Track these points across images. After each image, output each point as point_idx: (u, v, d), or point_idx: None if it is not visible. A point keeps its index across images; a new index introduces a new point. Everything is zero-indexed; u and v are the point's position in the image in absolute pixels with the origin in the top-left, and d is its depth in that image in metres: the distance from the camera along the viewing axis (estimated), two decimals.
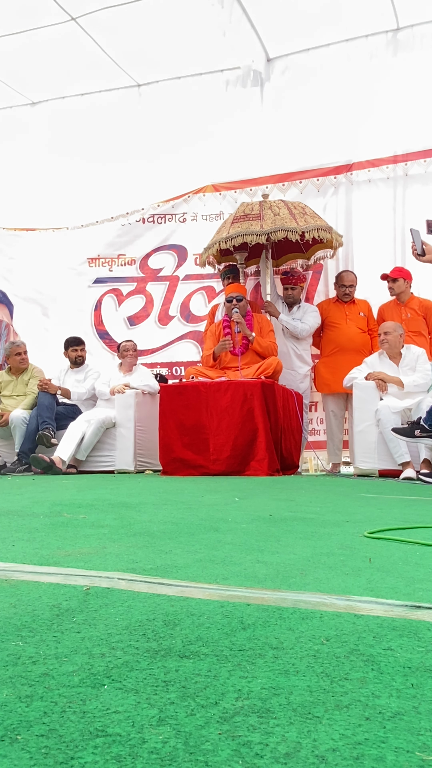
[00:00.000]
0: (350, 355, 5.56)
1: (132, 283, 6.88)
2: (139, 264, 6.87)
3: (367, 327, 5.76)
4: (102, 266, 6.93)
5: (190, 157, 6.90)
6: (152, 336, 6.74)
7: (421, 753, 0.57)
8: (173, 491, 3.35)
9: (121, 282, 6.89)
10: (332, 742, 0.59)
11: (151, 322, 6.78)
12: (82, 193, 7.37)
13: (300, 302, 5.92)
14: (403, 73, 6.20)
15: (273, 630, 0.93)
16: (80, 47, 6.53)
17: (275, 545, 1.67)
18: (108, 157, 7.19)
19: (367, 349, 5.66)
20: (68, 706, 0.67)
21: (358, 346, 5.65)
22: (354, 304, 5.78)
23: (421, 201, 5.93)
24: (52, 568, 1.36)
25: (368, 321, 5.77)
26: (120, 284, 6.90)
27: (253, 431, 4.73)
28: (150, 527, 1.97)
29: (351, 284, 5.76)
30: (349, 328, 5.70)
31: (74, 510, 2.41)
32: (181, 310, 6.70)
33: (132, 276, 6.88)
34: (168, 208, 6.82)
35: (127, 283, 6.88)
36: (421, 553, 1.58)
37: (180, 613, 1.01)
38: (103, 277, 6.92)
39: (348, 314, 5.74)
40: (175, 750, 0.57)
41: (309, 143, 6.44)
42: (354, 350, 5.61)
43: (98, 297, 6.93)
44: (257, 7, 6.02)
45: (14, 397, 5.94)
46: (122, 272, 6.90)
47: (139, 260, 6.87)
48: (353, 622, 0.97)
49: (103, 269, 6.92)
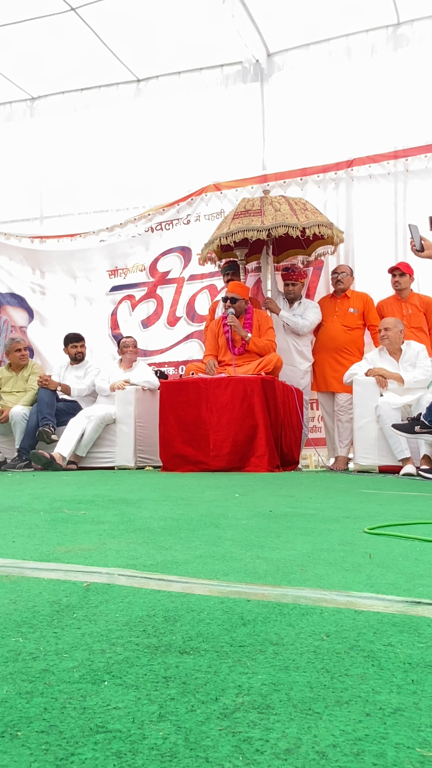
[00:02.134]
0: (331, 354, 5.56)
1: (143, 288, 7.10)
2: (149, 269, 7.06)
3: (360, 323, 5.64)
4: (118, 276, 7.21)
5: (190, 153, 6.90)
6: (162, 337, 6.87)
7: (421, 749, 0.57)
8: (173, 487, 3.35)
9: (134, 288, 7.13)
10: (333, 738, 0.59)
11: (161, 324, 6.92)
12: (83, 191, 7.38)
13: (301, 298, 5.91)
14: (403, 68, 6.18)
15: (273, 626, 0.93)
16: (80, 39, 6.50)
17: (275, 541, 1.67)
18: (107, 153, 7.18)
19: (354, 347, 5.57)
20: (68, 702, 0.67)
21: (339, 344, 5.57)
22: (347, 298, 5.68)
23: (421, 196, 5.92)
24: (52, 564, 1.36)
25: (365, 316, 5.64)
26: (133, 290, 7.14)
27: (253, 427, 4.73)
28: (150, 523, 1.97)
29: (342, 272, 5.68)
30: (332, 325, 5.63)
31: (74, 506, 2.41)
32: (187, 311, 6.78)
33: (143, 281, 7.09)
34: (173, 213, 6.90)
35: (139, 289, 7.12)
36: (421, 549, 1.58)
37: (180, 609, 1.01)
38: (119, 285, 7.21)
39: (337, 310, 5.66)
40: (176, 746, 0.57)
41: (309, 138, 6.43)
42: (334, 349, 5.56)
43: (115, 303, 7.20)
44: (257, 2, 5.99)
45: (14, 394, 5.94)
46: (134, 278, 7.14)
47: (148, 265, 7.06)
48: (353, 618, 0.97)
49: (119, 278, 7.21)
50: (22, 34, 6.43)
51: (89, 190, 7.37)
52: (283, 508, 2.42)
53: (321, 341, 5.71)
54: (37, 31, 6.39)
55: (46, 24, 6.30)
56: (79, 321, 7.14)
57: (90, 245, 7.30)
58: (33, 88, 7.47)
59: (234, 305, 5.31)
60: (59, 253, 7.43)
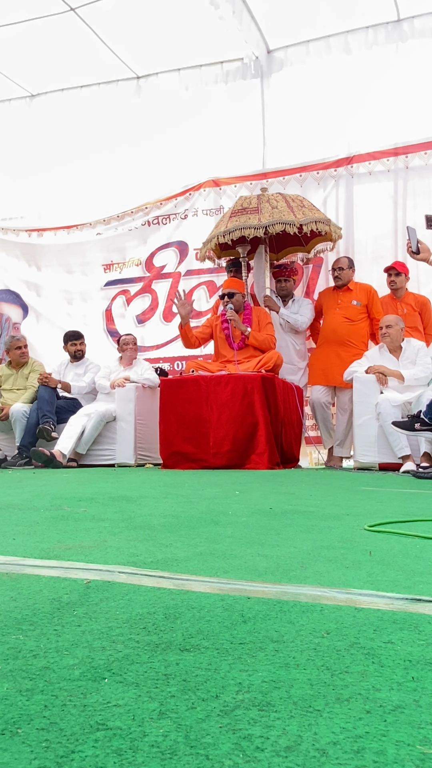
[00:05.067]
0: (333, 347, 5.48)
1: (139, 283, 7.09)
2: (144, 263, 7.07)
3: (363, 315, 5.56)
4: (114, 270, 7.20)
5: (190, 151, 6.89)
6: (158, 333, 6.86)
7: (422, 746, 0.57)
8: (173, 485, 3.35)
9: (130, 283, 7.13)
10: (333, 735, 0.59)
11: (156, 320, 6.90)
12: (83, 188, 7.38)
13: (293, 295, 5.90)
14: (403, 65, 6.17)
15: (273, 623, 0.93)
16: (79, 38, 6.49)
17: (275, 538, 1.67)
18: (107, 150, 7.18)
19: (357, 339, 5.49)
20: (69, 700, 0.67)
21: (342, 337, 5.48)
22: (349, 291, 5.62)
23: (421, 193, 5.92)
24: (52, 562, 1.36)
25: (369, 309, 5.57)
26: (128, 285, 7.14)
27: (253, 425, 4.73)
28: (150, 521, 1.98)
29: (340, 267, 5.63)
30: (335, 318, 5.56)
31: (75, 503, 2.41)
32: None
33: (139, 276, 7.09)
34: (171, 207, 6.90)
35: (135, 284, 7.11)
36: (421, 546, 1.58)
37: (180, 607, 1.01)
38: (114, 280, 7.20)
39: (339, 302, 5.60)
40: (176, 743, 0.57)
41: (309, 135, 6.42)
42: (337, 341, 5.48)
43: (110, 298, 7.20)
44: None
45: (14, 391, 5.94)
46: (130, 273, 7.14)
47: (144, 260, 7.06)
48: (354, 615, 0.97)
49: (114, 273, 7.20)
50: (21, 33, 6.42)
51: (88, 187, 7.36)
52: (284, 505, 2.42)
53: (323, 334, 5.63)
54: (37, 31, 6.38)
55: (46, 24, 6.29)
56: (73, 316, 7.15)
57: (86, 239, 7.29)
58: (32, 85, 7.45)
59: (231, 300, 5.30)
60: (56, 246, 7.42)
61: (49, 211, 7.66)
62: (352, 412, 5.06)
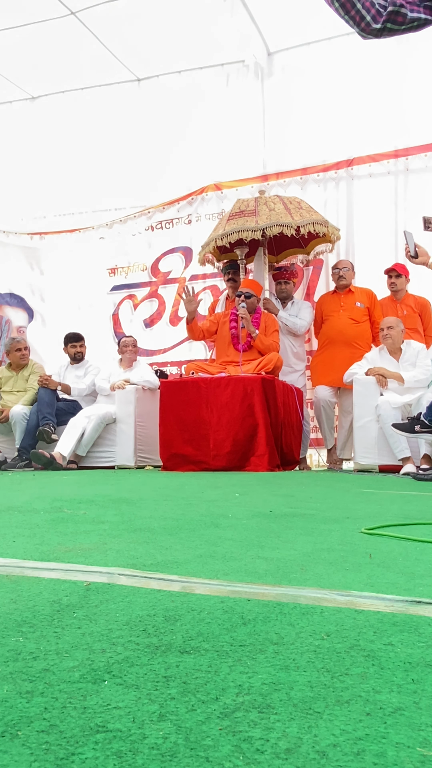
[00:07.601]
0: (340, 348, 5.48)
1: (145, 288, 7.13)
2: (150, 268, 7.10)
3: (366, 317, 5.59)
4: (119, 274, 7.25)
5: (191, 153, 6.90)
6: (165, 337, 6.90)
7: (422, 748, 0.57)
8: (173, 487, 3.35)
9: (136, 288, 7.18)
10: (333, 737, 0.59)
11: (163, 324, 6.94)
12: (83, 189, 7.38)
13: (293, 298, 5.90)
14: (404, 67, 6.16)
15: (273, 625, 0.93)
16: (80, 41, 6.50)
17: (275, 541, 1.67)
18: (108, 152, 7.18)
19: (362, 340, 5.51)
20: (69, 702, 0.67)
21: (348, 338, 5.49)
22: (351, 293, 5.64)
23: (422, 195, 5.92)
24: (52, 564, 1.36)
25: (370, 311, 5.60)
26: (135, 290, 7.18)
27: (253, 427, 4.73)
28: (150, 523, 1.97)
29: (344, 267, 5.65)
30: (340, 319, 5.57)
31: (74, 506, 2.41)
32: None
33: (145, 281, 7.14)
34: (174, 212, 6.92)
35: (141, 288, 7.15)
36: (421, 549, 1.58)
37: (180, 609, 1.01)
38: (120, 284, 7.25)
39: (342, 305, 5.61)
40: (176, 745, 0.57)
41: (310, 137, 6.42)
42: (344, 342, 5.48)
43: (116, 303, 7.24)
44: (258, 1, 5.98)
45: (14, 393, 5.95)
46: (136, 278, 7.18)
47: (150, 265, 7.09)
48: (354, 617, 0.97)
49: (120, 277, 7.25)
50: (22, 37, 6.44)
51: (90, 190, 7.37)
52: (283, 507, 2.42)
53: (328, 335, 5.62)
54: (38, 35, 6.40)
55: (47, 27, 6.31)
56: (80, 321, 7.15)
57: (89, 242, 7.32)
58: (33, 87, 7.46)
59: (247, 300, 5.30)
60: (59, 250, 7.44)
61: (51, 214, 7.67)
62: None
